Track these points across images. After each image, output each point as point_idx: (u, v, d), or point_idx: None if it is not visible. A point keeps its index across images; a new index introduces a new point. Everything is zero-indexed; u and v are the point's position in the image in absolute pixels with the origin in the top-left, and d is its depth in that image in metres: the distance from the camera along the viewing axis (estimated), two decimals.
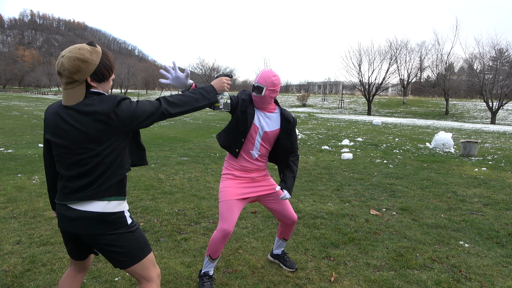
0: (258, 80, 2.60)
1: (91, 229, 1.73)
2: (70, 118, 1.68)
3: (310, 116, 28.38)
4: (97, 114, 1.64)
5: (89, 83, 1.69)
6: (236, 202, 2.66)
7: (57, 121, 1.72)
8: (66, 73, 1.64)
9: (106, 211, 1.74)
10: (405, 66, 43.31)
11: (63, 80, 1.68)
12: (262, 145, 2.70)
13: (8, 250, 3.30)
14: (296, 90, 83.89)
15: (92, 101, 1.67)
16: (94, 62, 1.67)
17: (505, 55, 34.64)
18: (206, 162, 7.78)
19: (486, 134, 17.71)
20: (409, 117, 33.75)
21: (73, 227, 1.75)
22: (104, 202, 1.74)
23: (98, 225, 1.73)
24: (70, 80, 1.66)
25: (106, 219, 1.74)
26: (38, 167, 6.79)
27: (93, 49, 1.69)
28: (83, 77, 1.66)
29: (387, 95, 60.11)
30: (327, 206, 4.92)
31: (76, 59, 1.63)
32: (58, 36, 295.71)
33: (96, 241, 1.76)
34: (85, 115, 1.65)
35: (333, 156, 9.08)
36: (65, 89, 1.69)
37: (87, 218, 1.72)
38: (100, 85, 1.74)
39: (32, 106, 32.00)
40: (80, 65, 1.64)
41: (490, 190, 5.99)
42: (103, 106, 1.65)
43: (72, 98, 1.68)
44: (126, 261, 1.80)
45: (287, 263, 3.11)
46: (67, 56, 1.64)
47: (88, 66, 1.66)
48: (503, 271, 3.16)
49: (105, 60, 1.73)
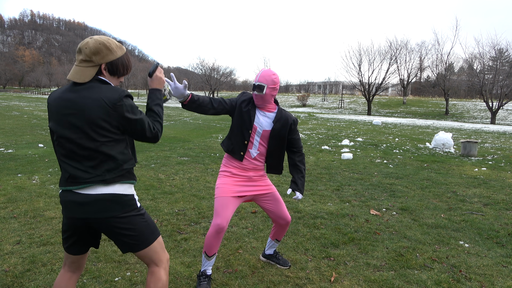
0: (259, 79, 2.65)
1: (105, 212, 1.74)
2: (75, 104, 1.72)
3: (310, 116, 28.39)
4: (106, 98, 1.70)
5: (102, 70, 1.77)
6: (231, 199, 2.68)
7: (61, 106, 1.75)
8: (87, 51, 1.73)
9: (118, 192, 1.76)
10: (405, 66, 43.34)
11: (79, 57, 1.75)
12: (261, 144, 2.73)
13: (8, 250, 3.30)
14: (296, 90, 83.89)
15: (99, 87, 1.73)
16: (115, 53, 1.79)
17: (505, 55, 34.65)
18: (206, 162, 7.78)
19: (486, 134, 17.71)
20: (409, 117, 33.75)
21: (85, 213, 1.75)
22: (116, 185, 1.77)
23: (112, 207, 1.75)
24: (87, 59, 1.74)
25: (119, 200, 1.76)
26: (38, 167, 6.79)
27: (120, 45, 1.84)
28: (99, 60, 1.75)
29: (387, 95, 60.11)
30: (327, 206, 4.92)
31: (102, 43, 1.75)
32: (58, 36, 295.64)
33: (108, 224, 1.77)
34: (91, 99, 1.70)
35: (333, 156, 9.08)
36: (78, 65, 1.76)
37: (100, 201, 1.73)
38: (110, 78, 1.82)
39: (32, 106, 32.01)
40: (102, 49, 1.75)
41: (490, 190, 6.00)
42: (111, 94, 1.71)
43: (80, 75, 1.74)
44: (137, 245, 1.84)
45: (280, 262, 3.13)
46: (95, 39, 1.76)
47: (109, 54, 1.76)
48: (503, 271, 3.16)
49: (125, 59, 1.85)
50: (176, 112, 30.11)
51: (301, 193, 2.81)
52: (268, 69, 2.70)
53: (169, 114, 26.93)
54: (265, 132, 2.71)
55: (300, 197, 2.79)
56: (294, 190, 2.80)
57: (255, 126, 2.69)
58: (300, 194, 2.80)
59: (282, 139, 2.75)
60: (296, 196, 2.79)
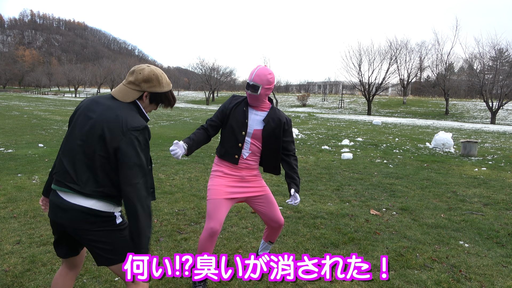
0: (254, 79, 2.55)
1: (78, 223, 1.74)
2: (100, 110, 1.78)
3: (310, 116, 28.39)
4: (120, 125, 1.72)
5: (143, 97, 1.86)
6: (224, 201, 2.61)
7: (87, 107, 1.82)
8: (140, 76, 1.83)
9: (95, 208, 1.74)
10: (405, 66, 43.30)
11: (130, 78, 1.85)
12: (252, 144, 2.65)
13: (8, 250, 3.30)
14: (296, 90, 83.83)
15: (128, 111, 1.79)
16: (163, 88, 1.89)
17: (505, 55, 34.65)
18: (206, 162, 7.78)
19: (486, 134, 17.71)
20: (409, 117, 33.75)
21: (61, 218, 1.76)
22: (95, 200, 1.74)
23: (86, 219, 1.73)
24: (136, 82, 1.83)
25: (94, 214, 1.74)
26: (38, 167, 6.79)
27: (169, 81, 1.94)
28: (146, 88, 1.84)
29: (387, 95, 60.10)
30: (327, 206, 4.92)
31: (155, 75, 1.85)
32: (58, 36, 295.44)
33: (81, 234, 1.76)
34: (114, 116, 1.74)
35: (333, 156, 9.08)
36: (125, 85, 1.85)
37: (75, 211, 1.72)
38: (147, 105, 1.90)
39: (32, 106, 32.01)
40: (153, 79, 1.84)
41: (490, 190, 6.00)
42: (132, 120, 1.75)
43: (123, 95, 1.83)
44: (112, 259, 1.80)
45: None
46: (151, 68, 1.86)
47: (157, 86, 1.86)
48: (503, 271, 3.16)
49: (170, 95, 1.93)
50: (176, 112, 30.12)
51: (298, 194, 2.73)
52: (264, 68, 2.59)
53: (169, 114, 26.94)
54: (256, 131, 2.63)
55: (299, 201, 2.68)
56: (296, 191, 2.68)
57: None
58: (299, 197, 2.69)
59: (277, 139, 2.67)
60: (297, 201, 2.65)
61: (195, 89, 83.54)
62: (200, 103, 56.08)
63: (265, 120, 2.64)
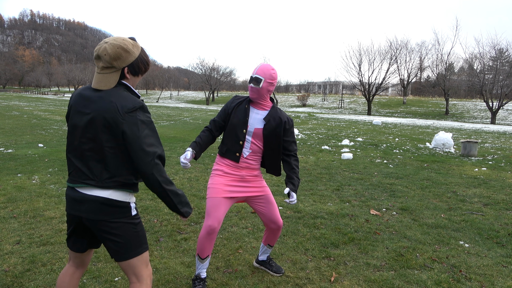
0: (257, 72, 2.59)
1: (96, 214, 1.75)
2: (91, 104, 1.75)
3: (310, 116, 28.38)
4: (121, 107, 1.71)
5: (125, 74, 1.79)
6: (223, 200, 2.62)
7: (78, 103, 1.79)
8: (107, 58, 1.73)
9: (112, 197, 1.76)
10: (405, 66, 43.33)
11: (100, 64, 1.75)
12: (252, 143, 2.65)
13: (8, 250, 3.29)
14: (296, 90, 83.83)
15: (120, 93, 1.75)
16: (134, 54, 1.79)
17: (505, 55, 34.63)
18: (206, 162, 7.78)
19: (486, 134, 17.71)
20: (409, 117, 33.75)
21: (79, 210, 1.78)
22: (111, 190, 1.76)
23: (104, 209, 1.75)
24: (108, 65, 1.75)
25: (112, 204, 1.76)
26: (38, 167, 6.79)
27: (134, 43, 1.83)
28: (121, 65, 1.76)
29: (387, 95, 60.10)
30: (327, 206, 4.92)
31: (119, 47, 1.74)
32: (58, 36, 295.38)
33: (98, 226, 1.77)
34: (110, 102, 1.71)
35: (333, 156, 9.08)
36: (100, 73, 1.77)
37: (93, 202, 1.74)
38: (133, 78, 1.85)
39: (32, 106, 32.01)
40: (122, 53, 1.75)
41: (490, 190, 5.99)
42: (126, 102, 1.72)
43: (105, 83, 1.76)
44: (122, 253, 1.80)
45: (273, 268, 3.03)
46: (111, 43, 1.74)
47: (128, 56, 1.77)
48: (503, 271, 3.16)
49: (143, 55, 1.85)
50: (176, 112, 30.12)
51: (295, 194, 2.70)
52: (267, 64, 2.64)
53: (169, 114, 26.94)
54: (256, 131, 2.63)
55: (295, 200, 2.66)
56: (292, 190, 2.66)
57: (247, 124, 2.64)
58: (295, 196, 2.68)
59: (278, 139, 2.67)
60: (293, 199, 2.63)
61: (195, 89, 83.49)
62: (200, 103, 56.08)
63: (266, 119, 2.65)
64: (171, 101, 61.97)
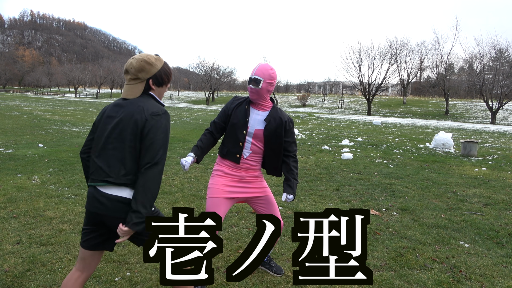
0: (256, 73, 2.58)
1: (115, 212, 1.89)
2: (121, 108, 1.96)
3: (310, 116, 28.38)
4: (147, 111, 1.91)
5: (150, 85, 2.01)
6: (223, 200, 2.62)
7: (111, 110, 2.01)
8: (133, 70, 1.97)
9: (129, 197, 1.90)
10: (405, 66, 43.29)
11: (127, 76, 2.00)
12: (253, 144, 2.65)
13: (8, 250, 3.29)
14: (296, 90, 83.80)
15: (144, 100, 1.96)
16: (156, 66, 2.01)
17: (505, 55, 34.65)
18: (206, 162, 7.78)
19: (486, 134, 17.71)
20: (409, 117, 33.75)
21: (99, 208, 1.91)
22: (129, 189, 1.90)
23: (122, 208, 1.89)
24: (134, 77, 1.98)
25: (129, 203, 1.88)
26: (38, 167, 6.79)
27: (157, 57, 2.06)
28: (145, 76, 1.99)
29: (387, 95, 60.09)
30: (327, 206, 4.92)
31: (143, 60, 1.98)
32: (58, 36, 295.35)
33: (117, 224, 1.90)
34: (137, 107, 1.92)
35: (333, 156, 9.08)
36: (128, 84, 2.01)
37: (112, 201, 1.89)
38: (158, 89, 2.06)
39: (32, 106, 32.01)
40: (145, 65, 1.98)
41: (490, 190, 5.99)
42: (151, 107, 1.93)
43: (131, 92, 1.99)
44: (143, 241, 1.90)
45: (274, 269, 3.03)
46: (136, 58, 2.00)
47: (151, 69, 1.99)
48: (503, 271, 3.16)
49: (166, 68, 2.06)
50: (176, 112, 30.12)
51: (294, 196, 2.68)
52: (266, 64, 2.63)
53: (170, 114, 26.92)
54: (257, 132, 2.62)
55: (292, 199, 2.64)
56: (289, 194, 2.63)
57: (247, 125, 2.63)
58: (293, 196, 2.65)
59: (279, 139, 2.66)
60: (290, 197, 2.62)
61: (195, 89, 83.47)
62: (200, 103, 56.08)
63: (267, 120, 2.64)
64: (171, 101, 61.95)
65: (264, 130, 2.63)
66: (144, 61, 1.98)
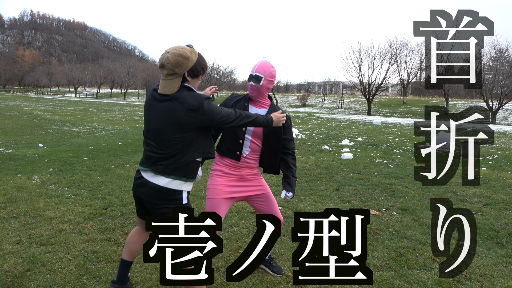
0: (257, 70, 2.58)
1: (150, 198, 2.08)
2: (163, 103, 2.05)
3: (310, 116, 28.39)
4: (187, 106, 1.99)
5: (186, 77, 2.06)
6: (223, 201, 2.62)
7: (151, 101, 2.12)
8: (170, 66, 2.00)
9: (167, 186, 2.05)
10: (405, 66, 43.27)
11: (164, 71, 2.03)
12: (252, 142, 2.65)
13: (8, 250, 3.29)
14: (296, 90, 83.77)
15: (184, 95, 2.03)
16: (192, 60, 2.05)
17: (505, 55, 34.61)
18: (206, 162, 7.77)
19: (486, 134, 17.70)
20: (409, 117, 33.76)
21: (138, 192, 2.15)
22: (169, 179, 2.05)
23: (157, 195, 2.06)
24: (171, 72, 2.02)
25: (164, 191, 2.06)
26: (38, 167, 6.79)
27: (192, 50, 2.08)
28: (182, 71, 2.03)
29: (387, 95, 60.07)
30: (327, 206, 4.92)
31: (180, 55, 2.00)
32: (58, 36, 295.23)
33: (152, 208, 2.11)
34: (177, 104, 2.01)
35: (333, 156, 9.08)
36: (164, 79, 2.05)
37: (149, 188, 2.07)
38: (193, 81, 2.12)
39: (32, 106, 32.01)
40: (182, 60, 2.01)
41: (490, 190, 6.00)
42: (193, 100, 2.00)
43: (169, 88, 2.03)
44: None
45: (274, 269, 3.03)
46: (172, 52, 2.01)
47: (187, 63, 2.03)
48: (503, 271, 3.16)
49: (200, 60, 2.12)
50: None
51: (293, 193, 2.71)
52: (266, 61, 2.63)
53: None
54: (256, 129, 2.62)
55: (291, 196, 2.67)
56: (288, 191, 2.67)
57: None
58: (292, 194, 2.69)
59: (278, 137, 2.66)
60: (289, 195, 2.66)
61: None
62: None
63: None
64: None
65: (264, 128, 2.63)
66: (181, 55, 2.00)
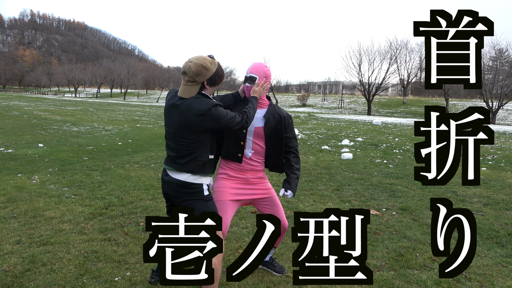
0: (251, 71, 2.62)
1: (175, 193, 2.34)
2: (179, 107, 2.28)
3: (310, 116, 28.38)
4: (196, 110, 2.22)
5: (205, 85, 2.31)
6: (230, 203, 2.61)
7: (170, 107, 2.35)
8: (191, 74, 2.24)
9: (187, 181, 2.30)
10: (405, 66, 43.38)
11: (185, 78, 2.27)
12: (254, 143, 2.65)
13: (8, 250, 3.30)
14: (296, 90, 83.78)
15: (197, 101, 2.26)
16: (211, 70, 2.28)
17: (505, 55, 34.63)
18: None
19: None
20: (409, 117, 33.77)
21: (165, 188, 2.42)
22: (188, 174, 2.30)
23: (180, 190, 2.32)
24: (191, 80, 2.26)
25: (186, 186, 2.30)
26: (38, 167, 6.79)
27: (212, 60, 2.31)
28: (201, 80, 2.27)
29: (387, 95, 60.08)
30: (327, 206, 4.92)
31: (201, 65, 2.24)
32: (58, 36, 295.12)
33: (178, 202, 2.35)
34: (189, 109, 2.23)
35: (333, 156, 9.08)
36: (185, 85, 2.29)
37: (173, 184, 2.33)
38: (210, 88, 2.35)
39: (32, 106, 32.01)
40: (202, 70, 2.24)
41: (490, 190, 6.00)
42: (203, 106, 2.23)
43: (188, 93, 2.28)
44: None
45: (276, 268, 3.03)
46: (194, 62, 2.25)
47: (207, 73, 2.27)
48: (503, 271, 3.16)
49: (219, 70, 2.34)
50: None
51: (293, 192, 2.69)
52: (260, 62, 2.68)
53: None
54: (257, 130, 2.63)
55: (290, 195, 2.66)
56: (287, 189, 2.67)
57: None
58: (292, 192, 2.67)
59: (280, 136, 2.67)
60: (287, 194, 2.65)
61: None
62: None
63: (266, 117, 2.65)
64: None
65: (264, 128, 2.64)
66: (202, 66, 2.22)
